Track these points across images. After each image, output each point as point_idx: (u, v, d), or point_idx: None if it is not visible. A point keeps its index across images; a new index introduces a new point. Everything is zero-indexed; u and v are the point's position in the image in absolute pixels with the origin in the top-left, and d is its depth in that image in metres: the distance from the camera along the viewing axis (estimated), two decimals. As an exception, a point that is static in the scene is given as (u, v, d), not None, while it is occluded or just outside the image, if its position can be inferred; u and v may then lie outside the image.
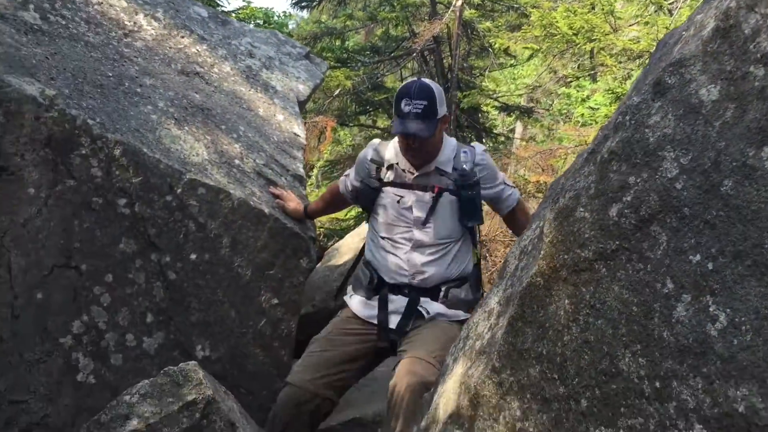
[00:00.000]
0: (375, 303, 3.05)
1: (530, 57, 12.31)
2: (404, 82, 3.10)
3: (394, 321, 2.98)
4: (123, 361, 2.92)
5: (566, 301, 1.53)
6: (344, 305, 3.19)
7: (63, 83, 2.93)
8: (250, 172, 3.44)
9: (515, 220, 3.27)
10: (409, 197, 3.04)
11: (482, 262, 3.44)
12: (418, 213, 3.02)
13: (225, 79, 3.95)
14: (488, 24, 10.90)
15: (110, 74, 3.22)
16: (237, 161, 3.42)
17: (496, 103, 11.28)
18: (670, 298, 1.35)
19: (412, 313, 2.98)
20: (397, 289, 3.03)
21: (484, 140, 10.49)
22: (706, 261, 1.31)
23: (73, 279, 2.84)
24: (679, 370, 1.31)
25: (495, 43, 9.96)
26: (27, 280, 2.76)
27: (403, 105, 2.90)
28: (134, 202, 2.94)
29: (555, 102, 13.40)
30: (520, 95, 13.59)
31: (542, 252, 1.60)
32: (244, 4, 12.27)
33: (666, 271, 1.36)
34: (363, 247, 3.32)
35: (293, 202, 3.36)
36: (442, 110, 2.96)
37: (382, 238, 3.09)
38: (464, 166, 3.01)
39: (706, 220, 1.33)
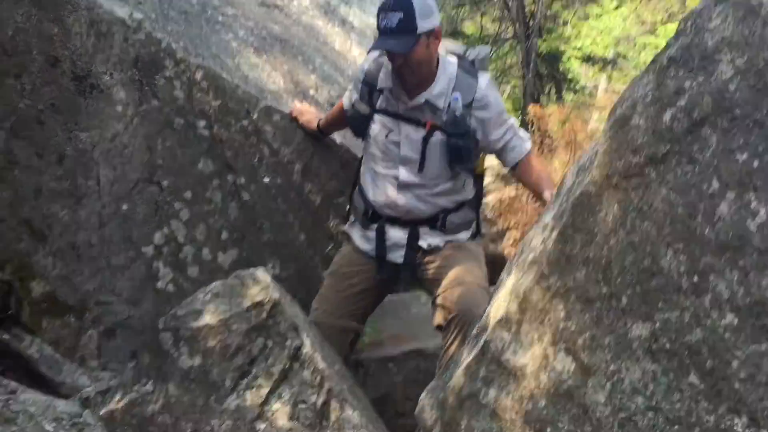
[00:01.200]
0: (372, 235, 2.89)
1: (617, 6, 11.86)
2: None
3: (397, 255, 2.86)
4: (199, 273, 3.11)
5: (615, 207, 1.56)
6: (348, 235, 3.05)
7: (150, 8, 3.07)
8: (324, 103, 3.54)
9: (523, 175, 2.83)
10: (399, 131, 2.75)
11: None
12: (406, 151, 2.75)
13: (303, 12, 4.03)
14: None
15: (194, 1, 3.35)
16: (312, 92, 3.52)
17: (579, 54, 10.96)
18: (715, 197, 1.37)
19: (414, 247, 2.83)
20: (393, 220, 2.85)
21: (564, 91, 10.26)
22: (752, 159, 1.32)
23: (155, 194, 3.03)
24: (716, 264, 1.34)
25: (581, -13, 9.64)
26: (114, 191, 2.96)
27: (379, 19, 2.53)
28: (213, 125, 3.09)
29: (641, 54, 12.94)
30: (605, 47, 13.14)
31: (596, 162, 1.63)
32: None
33: (713, 171, 1.38)
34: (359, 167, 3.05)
35: (309, 115, 3.23)
36: (426, 24, 2.51)
37: (371, 168, 2.90)
38: (456, 113, 2.63)
39: (755, 119, 1.33)
